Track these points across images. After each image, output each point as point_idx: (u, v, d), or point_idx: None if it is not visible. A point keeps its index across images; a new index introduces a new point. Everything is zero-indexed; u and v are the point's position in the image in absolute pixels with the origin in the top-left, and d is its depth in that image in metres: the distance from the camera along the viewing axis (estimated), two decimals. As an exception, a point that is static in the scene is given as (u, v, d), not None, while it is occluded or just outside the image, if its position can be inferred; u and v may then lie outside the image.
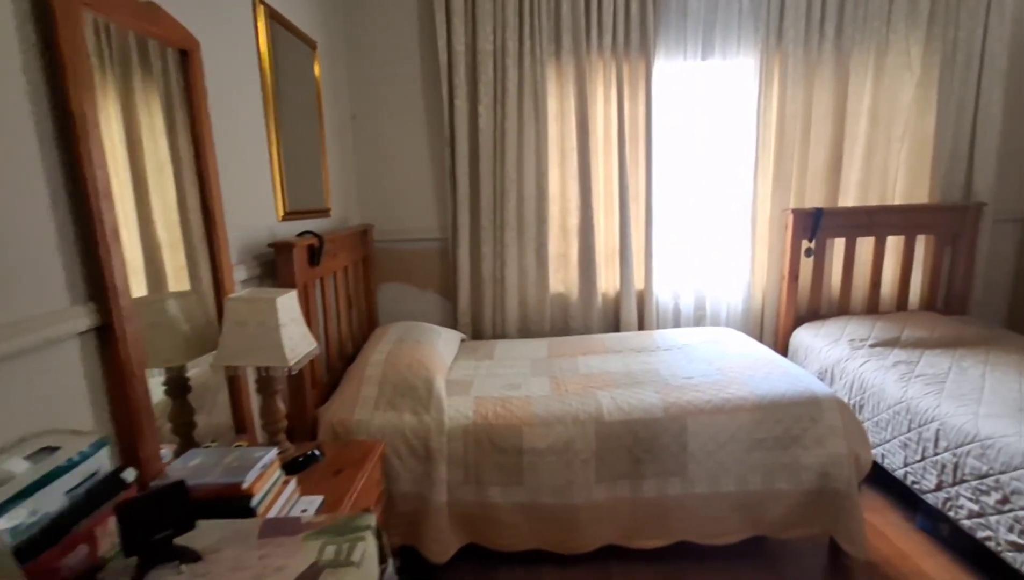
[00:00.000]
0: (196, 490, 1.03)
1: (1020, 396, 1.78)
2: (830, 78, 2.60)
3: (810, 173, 2.70)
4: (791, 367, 2.02)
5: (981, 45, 2.56)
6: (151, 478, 1.09)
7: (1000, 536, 1.56)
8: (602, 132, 2.62)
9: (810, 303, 2.77)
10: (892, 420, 1.98)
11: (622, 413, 1.79)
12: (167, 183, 1.26)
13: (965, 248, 2.68)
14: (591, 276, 2.70)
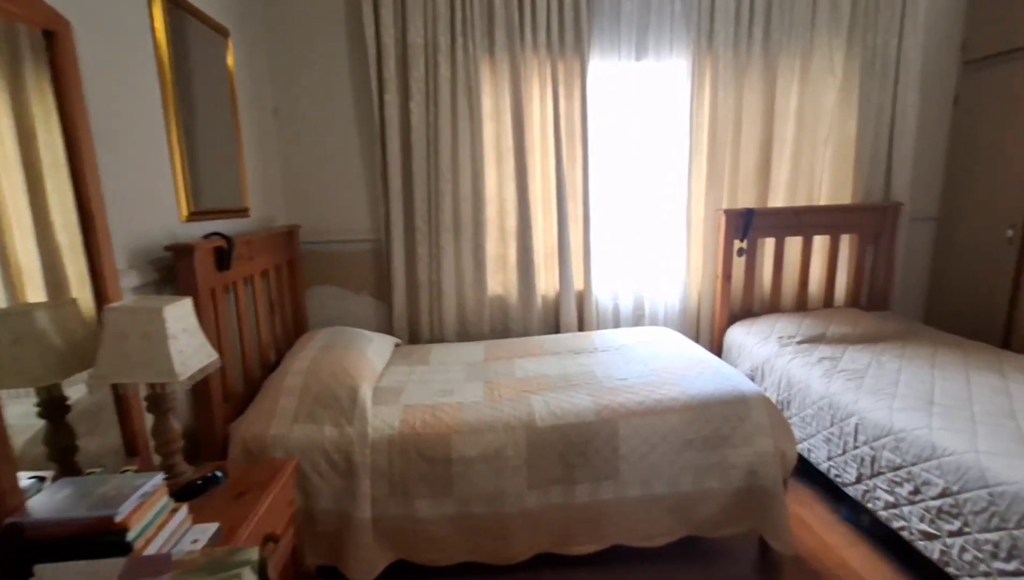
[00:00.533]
0: (56, 527, 0.91)
1: (931, 389, 1.86)
2: (759, 81, 2.66)
3: (741, 174, 2.75)
4: (722, 366, 2.04)
5: (897, 53, 2.68)
6: (6, 515, 0.96)
7: (913, 526, 1.61)
8: (538, 131, 2.59)
9: (743, 301, 2.83)
10: (817, 415, 2.03)
11: (554, 418, 1.76)
12: (34, 180, 1.12)
13: (885, 246, 2.81)
14: (530, 277, 2.66)
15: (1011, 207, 2.52)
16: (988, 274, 2.65)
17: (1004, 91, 2.54)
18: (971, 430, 1.56)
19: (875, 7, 2.63)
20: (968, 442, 1.50)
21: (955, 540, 1.47)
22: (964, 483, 1.45)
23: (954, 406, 1.72)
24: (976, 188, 2.71)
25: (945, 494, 1.50)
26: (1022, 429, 1.55)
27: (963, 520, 1.45)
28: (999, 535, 1.36)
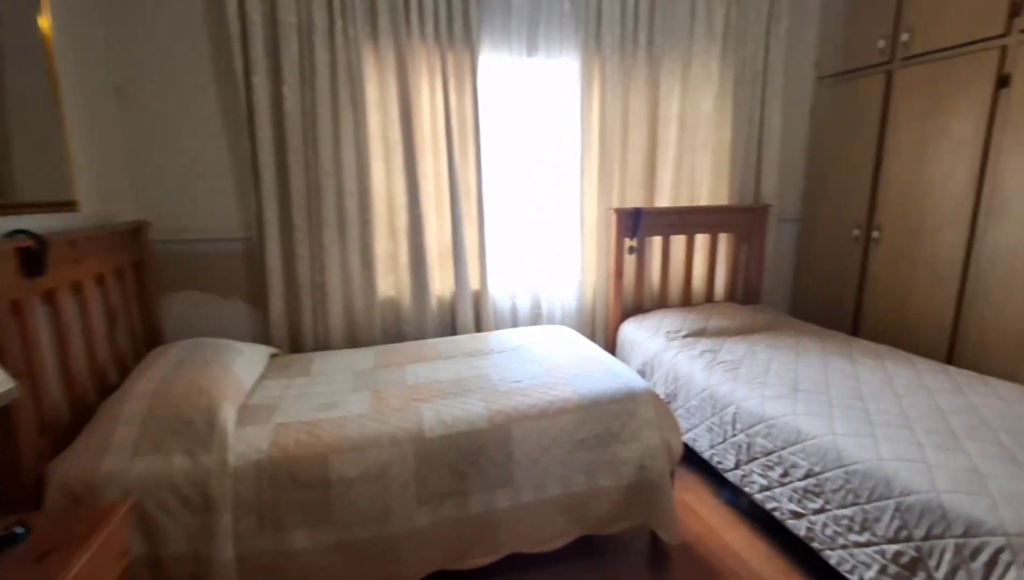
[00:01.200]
0: None
1: (795, 376, 2.01)
2: (644, 84, 2.75)
3: (630, 174, 2.83)
4: (613, 364, 2.06)
5: (764, 64, 2.89)
6: None
7: (784, 506, 1.72)
8: (429, 125, 2.47)
9: (635, 298, 2.92)
10: (700, 406, 2.12)
11: (445, 427, 1.66)
12: None
13: (756, 245, 3.03)
14: (423, 278, 2.53)
15: (857, 209, 2.83)
16: (840, 269, 2.95)
17: (850, 105, 2.84)
18: (829, 414, 1.69)
19: (744, 22, 2.82)
20: (826, 425, 1.63)
21: (818, 517, 1.59)
22: (824, 464, 1.56)
23: (814, 391, 1.87)
24: (830, 192, 3.01)
25: (809, 475, 1.61)
26: (868, 410, 1.71)
27: (824, 498, 1.56)
28: (853, 510, 1.47)
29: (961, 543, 1.22)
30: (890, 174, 2.65)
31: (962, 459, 1.40)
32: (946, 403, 1.74)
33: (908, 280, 2.58)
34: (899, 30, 2.54)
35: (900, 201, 2.60)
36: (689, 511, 2.12)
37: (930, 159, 2.45)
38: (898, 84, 2.58)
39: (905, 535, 1.34)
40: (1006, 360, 2.19)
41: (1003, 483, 1.28)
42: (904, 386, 1.88)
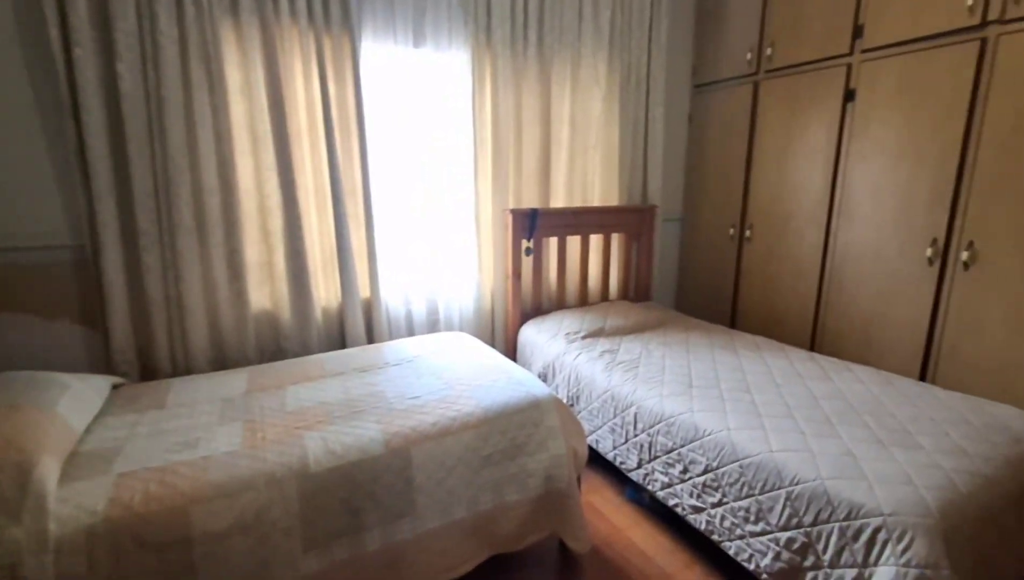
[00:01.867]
0: None
1: (688, 373, 2.08)
2: (536, 83, 2.71)
3: (525, 174, 2.79)
4: (515, 371, 1.99)
5: (647, 70, 3.00)
6: None
7: (685, 502, 1.76)
8: (305, 115, 2.22)
9: (533, 300, 2.88)
10: (602, 408, 2.12)
11: (334, 458, 1.47)
12: None
13: (645, 244, 3.15)
14: (305, 287, 2.28)
15: (732, 210, 3.04)
16: (719, 266, 3.16)
17: (723, 113, 3.04)
18: (722, 408, 1.76)
19: (628, 27, 2.89)
20: (721, 421, 1.68)
21: (717, 510, 1.63)
22: (721, 459, 1.61)
23: (707, 387, 1.94)
24: (707, 193, 3.21)
25: (707, 470, 1.65)
26: (755, 402, 1.80)
27: (722, 492, 1.61)
28: (748, 502, 1.53)
29: (845, 526, 1.30)
30: (759, 177, 2.87)
31: (838, 444, 1.50)
32: (817, 390, 1.89)
33: (776, 275, 2.82)
34: (763, 44, 2.76)
35: (768, 202, 2.83)
36: (595, 512, 2.12)
37: (792, 164, 2.68)
38: (764, 94, 2.80)
39: (796, 522, 1.41)
40: (858, 345, 2.46)
41: (874, 465, 1.40)
42: (781, 375, 2.02)
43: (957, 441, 1.51)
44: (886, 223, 2.31)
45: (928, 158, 2.14)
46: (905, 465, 1.39)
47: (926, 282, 2.19)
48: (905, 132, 2.21)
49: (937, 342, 2.18)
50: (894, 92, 2.23)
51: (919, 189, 2.19)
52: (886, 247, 2.32)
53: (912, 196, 2.21)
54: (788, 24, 2.63)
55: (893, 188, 2.27)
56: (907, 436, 1.54)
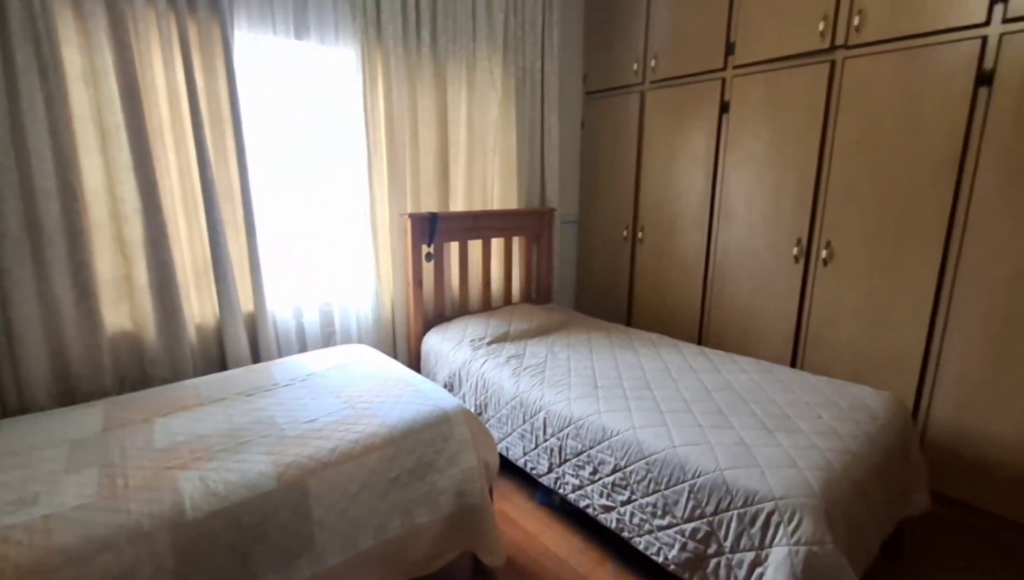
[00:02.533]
0: None
1: (593, 374, 2.12)
2: (431, 84, 2.63)
3: (423, 177, 2.69)
4: (421, 383, 1.90)
5: (541, 75, 3.03)
6: None
7: (595, 502, 1.78)
8: (167, 108, 1.95)
9: (436, 307, 2.79)
10: (511, 415, 2.09)
11: (216, 500, 1.29)
12: None
13: (545, 246, 3.19)
14: (173, 303, 2.00)
15: (624, 212, 3.18)
16: (615, 266, 3.29)
17: (613, 120, 3.17)
18: (627, 408, 1.80)
19: (522, 32, 2.91)
20: (627, 420, 1.72)
21: (626, 508, 1.67)
22: (628, 458, 1.65)
23: (611, 386, 1.98)
24: (601, 196, 3.32)
25: (616, 470, 1.68)
26: (656, 398, 1.87)
27: (630, 490, 1.65)
28: (655, 497, 1.58)
29: (742, 512, 1.38)
30: (648, 182, 3.02)
31: (732, 435, 1.60)
32: (709, 382, 2.01)
33: (666, 273, 2.99)
34: (648, 57, 2.91)
35: (657, 205, 2.99)
36: (507, 520, 2.09)
37: (677, 170, 2.86)
38: (650, 104, 2.95)
39: (699, 513, 1.47)
40: (739, 336, 2.68)
41: (764, 451, 1.50)
42: (677, 370, 2.13)
43: (829, 422, 1.67)
44: (758, 224, 2.54)
45: (792, 166, 2.38)
46: (789, 449, 1.51)
47: (793, 277, 2.44)
48: (772, 142, 2.44)
49: (804, 331, 2.44)
50: (762, 106, 2.45)
51: (785, 194, 2.42)
52: (759, 246, 2.55)
53: (779, 200, 2.45)
54: (669, 39, 2.79)
55: (763, 193, 2.50)
56: (788, 421, 1.69)
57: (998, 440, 1.95)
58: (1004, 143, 1.84)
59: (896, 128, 2.06)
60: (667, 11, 2.78)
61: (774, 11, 2.35)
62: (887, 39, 2.05)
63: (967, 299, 1.97)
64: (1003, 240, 1.87)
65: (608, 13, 3.09)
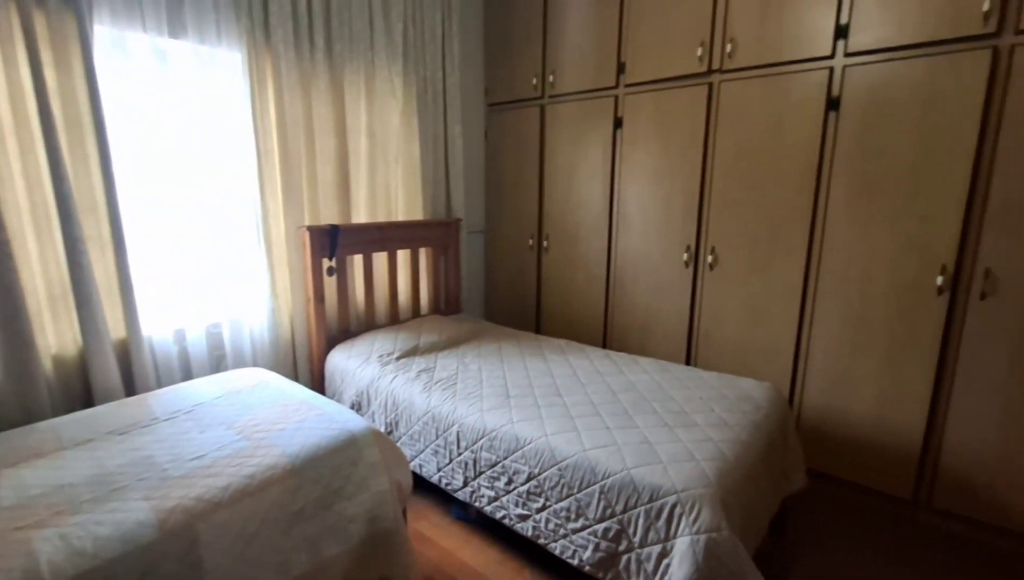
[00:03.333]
0: None
1: (505, 383, 2.13)
2: (327, 91, 2.52)
3: (321, 188, 2.56)
4: (325, 405, 1.79)
5: (442, 85, 3.02)
6: None
7: (511, 512, 1.78)
8: (8, 109, 1.68)
9: (340, 322, 2.67)
10: (423, 431, 2.04)
11: (83, 560, 1.12)
12: None
13: (453, 257, 3.17)
14: (21, 333, 1.72)
15: (530, 222, 3.24)
16: (522, 275, 3.34)
17: (516, 132, 3.23)
18: (538, 415, 1.83)
19: (422, 41, 2.88)
20: (539, 428, 1.75)
21: (541, 515, 1.69)
22: (542, 465, 1.67)
23: (522, 395, 2.01)
24: (507, 206, 3.37)
25: (530, 478, 1.70)
26: (567, 404, 1.92)
27: (545, 497, 1.67)
28: (568, 501, 1.61)
29: (648, 508, 1.45)
30: (551, 192, 3.11)
31: (637, 434, 1.68)
32: (615, 384, 2.10)
33: (572, 280, 3.09)
34: (546, 72, 3.00)
35: (560, 215, 3.09)
36: (423, 540, 2.03)
37: (578, 181, 2.97)
38: (549, 117, 3.05)
39: (610, 513, 1.52)
40: (640, 338, 2.83)
41: (666, 448, 1.59)
42: (585, 375, 2.20)
43: (720, 414, 1.81)
44: (653, 232, 2.71)
45: (680, 178, 2.57)
46: (688, 443, 1.61)
47: (684, 281, 2.62)
48: (661, 156, 2.62)
49: (696, 329, 2.63)
50: (651, 122, 2.63)
51: (675, 203, 2.61)
52: (654, 252, 2.72)
53: (670, 209, 2.63)
54: (565, 56, 2.91)
55: (656, 203, 2.67)
56: (686, 416, 1.80)
57: (856, 419, 2.22)
58: (849, 160, 2.11)
59: (765, 145, 2.30)
60: (562, 30, 2.89)
61: (658, 36, 2.53)
62: (754, 66, 2.29)
63: (826, 297, 2.23)
64: (852, 245, 2.14)
65: (506, 29, 3.16)
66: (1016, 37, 1.77)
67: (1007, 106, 1.80)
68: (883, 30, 1.98)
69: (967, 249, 1.93)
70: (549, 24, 2.95)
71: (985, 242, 1.89)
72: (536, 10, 2.99)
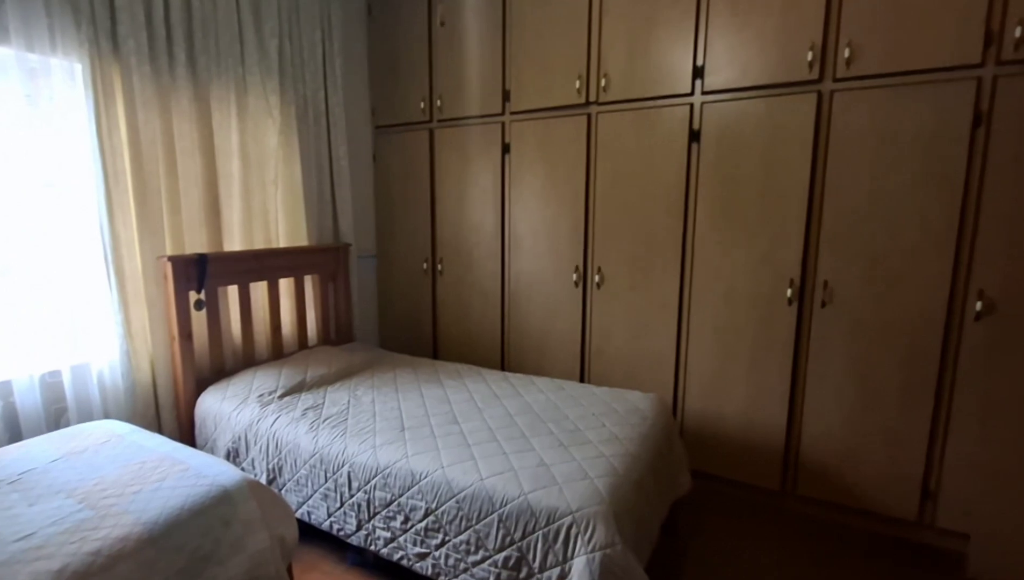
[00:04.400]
0: None
1: (400, 415, 2.05)
2: (191, 108, 2.31)
3: (187, 214, 2.33)
4: (192, 458, 1.60)
5: (325, 105, 2.90)
6: None
7: (409, 551, 1.70)
8: None
9: (212, 361, 2.41)
10: (311, 475, 1.89)
11: None
12: None
13: (342, 283, 3.02)
14: None
15: (423, 245, 3.20)
16: (417, 299, 3.27)
17: (405, 155, 3.18)
18: (435, 447, 1.78)
19: (300, 60, 2.75)
20: (435, 460, 1.70)
21: (440, 551, 1.63)
22: (439, 499, 1.62)
23: (418, 426, 1.94)
24: (399, 230, 3.30)
25: (428, 514, 1.64)
26: (464, 432, 1.89)
27: (443, 531, 1.62)
28: (468, 534, 1.57)
29: (546, 531, 1.46)
30: (444, 215, 3.10)
31: (534, 457, 1.69)
32: (512, 407, 2.10)
33: (468, 303, 3.08)
34: (433, 96, 3.01)
35: (454, 238, 3.08)
36: (315, 595, 1.87)
37: (470, 204, 2.99)
38: (439, 141, 3.04)
39: (509, 541, 1.51)
40: (536, 358, 2.88)
41: (561, 468, 1.61)
42: (482, 400, 2.19)
43: (611, 429, 1.88)
44: (544, 253, 2.79)
45: (566, 202, 2.68)
46: (582, 462, 1.65)
47: (575, 300, 2.72)
48: (548, 181, 2.71)
49: (588, 346, 2.73)
50: (537, 148, 2.72)
51: (563, 226, 2.71)
52: (546, 273, 2.79)
53: (559, 232, 2.72)
54: (452, 81, 2.93)
55: (545, 225, 2.76)
56: (579, 434, 1.85)
57: (729, 419, 2.43)
58: (710, 186, 2.34)
59: (639, 172, 2.47)
60: (448, 55, 2.92)
61: (540, 67, 2.64)
62: (626, 99, 2.46)
63: (699, 309, 2.43)
64: (717, 261, 2.36)
65: (391, 52, 3.12)
66: (834, 83, 2.08)
67: (831, 141, 2.10)
68: (731, 73, 2.23)
69: (809, 264, 2.21)
70: (435, 49, 2.96)
71: (823, 258, 2.17)
72: (421, 35, 2.99)
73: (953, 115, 1.90)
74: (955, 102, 1.89)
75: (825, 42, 2.07)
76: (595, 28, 2.49)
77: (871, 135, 2.03)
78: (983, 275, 1.93)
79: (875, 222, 2.06)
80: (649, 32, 2.37)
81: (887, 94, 1.99)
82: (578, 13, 2.51)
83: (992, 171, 1.88)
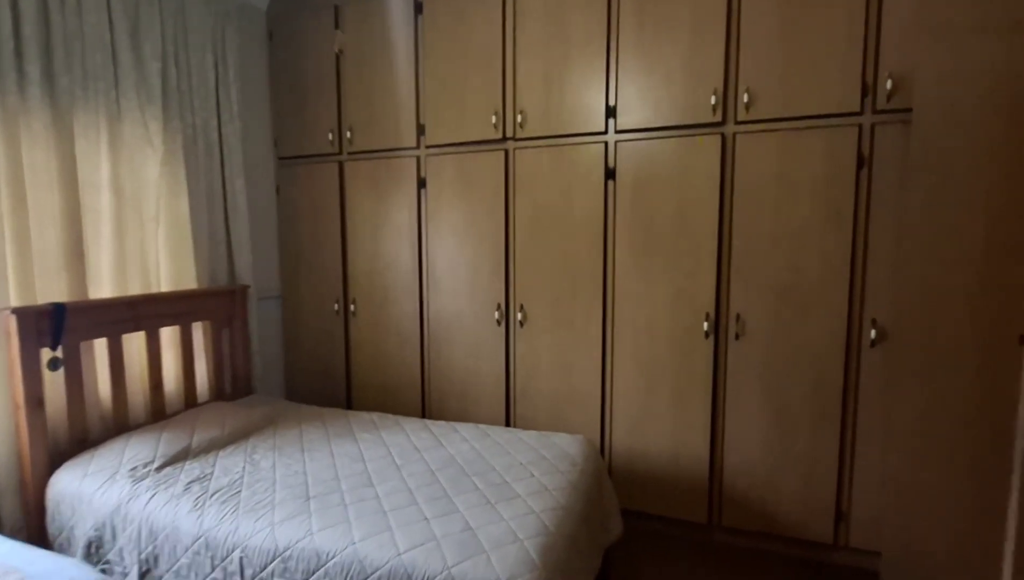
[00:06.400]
0: None
1: (305, 481, 1.81)
2: (48, 135, 1.98)
3: (39, 257, 1.97)
4: (35, 560, 1.28)
5: (218, 135, 2.65)
6: None
7: (315, 646, 1.46)
8: None
9: (72, 430, 2.03)
10: (193, 564, 1.60)
11: None
12: None
13: (239, 329, 2.71)
14: None
15: (333, 284, 2.97)
16: (328, 343, 3.01)
17: (313, 188, 2.97)
18: (345, 518, 1.57)
19: (188, 86, 2.50)
20: (345, 535, 1.49)
21: (353, 643, 1.41)
22: (351, 581, 1.41)
23: (326, 494, 1.72)
24: (305, 268, 3.05)
25: (338, 601, 1.42)
26: (379, 495, 1.69)
27: (356, 619, 1.40)
28: (385, 619, 1.37)
29: (475, 610, 1.30)
30: (356, 252, 2.90)
31: (458, 520, 1.53)
32: (433, 460, 1.93)
33: (384, 346, 2.88)
34: (343, 128, 2.84)
35: (367, 276, 2.88)
36: None
37: (384, 240, 2.82)
38: (349, 174, 2.87)
39: (433, 624, 1.33)
40: (459, 401, 2.72)
41: (489, 531, 1.47)
42: (400, 454, 2.00)
43: (540, 479, 1.77)
44: (464, 291, 2.67)
45: (486, 238, 2.59)
46: (510, 521, 1.52)
47: (498, 339, 2.62)
48: (467, 216, 2.62)
49: (513, 387, 2.62)
50: (455, 183, 2.63)
51: (483, 262, 2.61)
52: (467, 312, 2.68)
53: (479, 268, 2.63)
54: (363, 113, 2.79)
55: (465, 262, 2.65)
56: (507, 487, 1.72)
57: (655, 455, 2.40)
58: (627, 223, 2.36)
59: (559, 208, 2.45)
60: (358, 85, 2.78)
61: (455, 102, 2.58)
62: (543, 136, 2.45)
63: (622, 344, 2.41)
64: (638, 297, 2.37)
65: (296, 80, 2.93)
66: (736, 126, 2.19)
67: (736, 180, 2.19)
68: (642, 113, 2.29)
69: (722, 298, 2.26)
70: (343, 79, 2.81)
71: (734, 291, 2.24)
72: (327, 63, 2.84)
73: (840, 158, 2.05)
74: (841, 146, 2.05)
75: (726, 86, 2.18)
76: (509, 64, 2.48)
77: (771, 175, 2.15)
78: (875, 305, 2.07)
79: (780, 257, 2.16)
80: (563, 70, 2.39)
81: (784, 136, 2.12)
82: (491, 48, 2.49)
83: (876, 208, 2.04)
